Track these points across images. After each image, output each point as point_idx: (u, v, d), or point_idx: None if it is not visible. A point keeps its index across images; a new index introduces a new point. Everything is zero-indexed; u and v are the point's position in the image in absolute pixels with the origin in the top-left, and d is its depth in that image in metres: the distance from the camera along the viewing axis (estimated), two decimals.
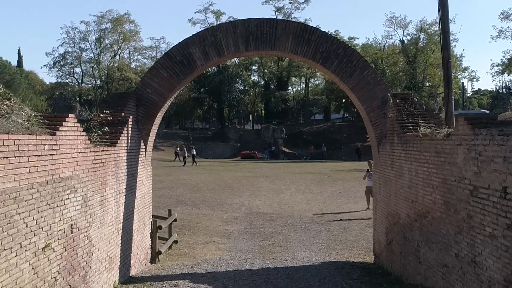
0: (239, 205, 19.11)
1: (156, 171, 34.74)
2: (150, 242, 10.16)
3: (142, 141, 9.43)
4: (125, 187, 8.16)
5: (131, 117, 8.65)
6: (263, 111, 79.21)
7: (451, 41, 52.20)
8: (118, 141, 7.80)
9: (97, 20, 63.44)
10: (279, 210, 17.86)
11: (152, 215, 13.21)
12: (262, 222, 15.59)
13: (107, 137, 7.82)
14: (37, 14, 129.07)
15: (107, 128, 8.00)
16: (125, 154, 8.21)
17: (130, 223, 8.57)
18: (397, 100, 9.36)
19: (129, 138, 8.50)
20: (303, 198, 21.00)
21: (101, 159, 6.84)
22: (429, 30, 59.18)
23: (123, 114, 8.49)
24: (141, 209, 9.35)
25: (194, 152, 42.88)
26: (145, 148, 9.60)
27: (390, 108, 9.30)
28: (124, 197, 8.15)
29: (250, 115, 79.65)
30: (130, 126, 8.62)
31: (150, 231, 10.10)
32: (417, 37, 57.53)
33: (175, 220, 12.38)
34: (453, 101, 11.28)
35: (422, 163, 7.07)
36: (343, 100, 67.53)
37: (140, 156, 9.27)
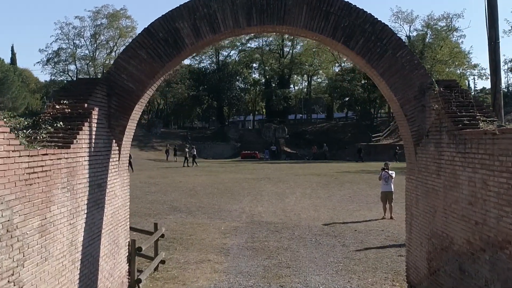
0: (239, 212, 17.05)
1: (151, 173, 32.88)
2: (128, 268, 8.08)
3: (114, 140, 7.37)
4: (86, 202, 6.09)
5: (96, 109, 6.58)
6: (264, 110, 77.11)
7: (458, 37, 49.40)
8: (75, 141, 5.73)
9: (93, 16, 61.38)
10: (284, 219, 15.80)
11: (134, 229, 11.17)
12: (265, 234, 13.52)
13: (60, 135, 5.76)
14: (32, 10, 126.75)
15: (61, 123, 5.94)
16: (87, 158, 6.14)
17: (96, 249, 6.50)
18: (441, 89, 7.29)
19: (94, 136, 6.44)
20: (310, 203, 18.94)
21: (41, 166, 4.78)
22: (436, 26, 57.15)
23: (86, 105, 6.42)
24: (113, 228, 7.28)
25: (195, 153, 40.82)
26: (119, 150, 7.53)
27: (433, 98, 7.23)
28: (85, 216, 6.08)
29: (251, 114, 77.47)
30: (96, 120, 6.56)
31: (127, 254, 8.03)
32: (424, 32, 55.44)
33: (162, 235, 10.31)
34: (501, 92, 9.22)
35: (497, 172, 5.00)
36: (347, 99, 65.55)
37: (111, 160, 7.20)
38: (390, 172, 15.81)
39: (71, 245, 5.63)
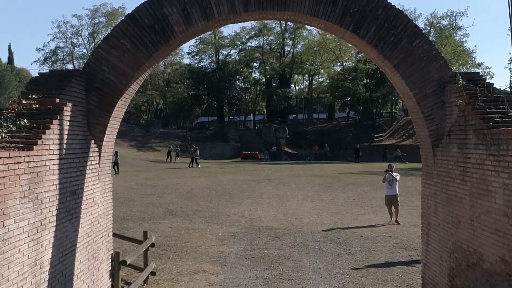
0: (238, 217, 16.18)
1: (148, 174, 31.98)
2: (111, 284, 7.21)
3: (93, 141, 6.50)
4: (55, 213, 5.22)
5: (69, 104, 5.72)
6: (264, 110, 76.23)
7: (462, 36, 48.13)
8: (40, 141, 4.86)
9: (91, 14, 60.53)
10: (286, 224, 14.92)
11: (122, 237, 10.32)
12: (265, 241, 12.65)
13: (23, 135, 4.89)
14: (29, 8, 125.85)
15: (25, 121, 5.07)
16: (56, 162, 5.28)
17: (68, 267, 5.62)
18: (463, 82, 6.42)
19: (66, 136, 5.57)
20: (312, 207, 18.05)
21: None
22: (439, 24, 56.29)
23: (57, 100, 5.55)
24: (91, 241, 6.40)
25: (198, 153, 39.97)
26: (100, 152, 6.66)
27: (455, 93, 6.35)
28: (54, 229, 5.21)
29: (251, 114, 76.57)
30: (69, 118, 5.69)
31: (109, 268, 7.15)
32: (428, 31, 54.49)
33: (152, 245, 9.43)
34: None
35: None
36: (348, 98, 64.66)
37: (89, 163, 6.33)
38: (394, 174, 14.86)
39: (35, 265, 4.76)
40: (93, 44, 60.27)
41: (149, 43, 6.66)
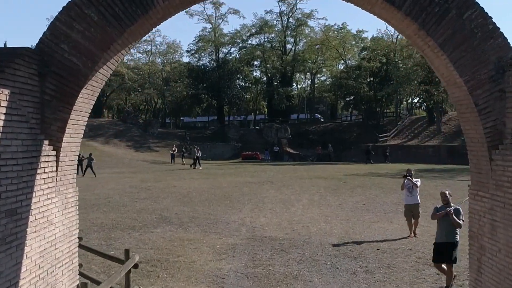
0: (238, 225, 14.65)
1: (144, 176, 30.36)
2: None
3: (48, 142, 4.96)
4: None
5: (6, 92, 4.17)
6: (265, 109, 74.68)
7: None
8: None
9: None
10: (291, 233, 13.39)
11: (100, 253, 8.77)
12: (269, 255, 11.11)
13: None
14: (24, 5, 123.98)
15: None
16: None
17: None
18: None
19: (0, 135, 4.02)
20: (319, 213, 16.51)
21: None
22: None
23: None
24: (45, 274, 4.85)
25: (199, 154, 38.45)
26: (57, 156, 5.12)
27: None
28: None
29: (252, 114, 74.96)
30: (5, 111, 4.15)
31: None
32: None
33: (136, 266, 7.88)
34: None
35: None
36: (352, 97, 63.13)
37: (40, 171, 4.78)
38: (414, 180, 13.19)
39: None
40: None
41: (123, 14, 5.13)
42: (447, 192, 8.98)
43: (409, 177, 13.08)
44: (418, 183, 13.14)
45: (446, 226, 8.62)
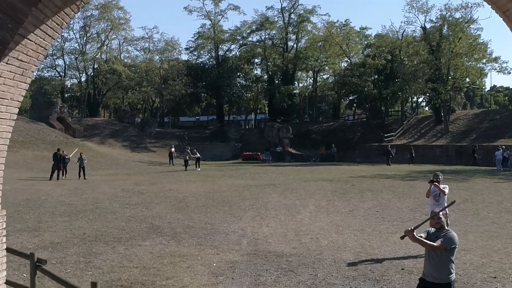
0: (238, 236, 12.94)
1: (139, 178, 28.49)
2: None
3: None
4: None
5: None
6: (266, 108, 72.96)
7: (475, 30, 43.67)
8: None
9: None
10: (299, 247, 11.65)
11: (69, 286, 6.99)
12: (275, 276, 9.37)
13: None
14: None
15: None
16: None
17: None
18: None
19: None
20: (329, 222, 14.80)
21: None
22: (450, 18, 52.92)
23: None
24: None
25: (198, 155, 36.67)
26: None
27: None
28: None
29: (253, 113, 73.22)
30: None
31: None
32: (440, 24, 51.17)
33: None
34: None
35: None
36: (356, 96, 61.40)
37: None
38: (442, 186, 11.46)
39: None
40: (84, 39, 57.01)
41: None
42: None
43: (436, 183, 11.35)
44: (446, 190, 11.40)
45: (437, 262, 5.98)
